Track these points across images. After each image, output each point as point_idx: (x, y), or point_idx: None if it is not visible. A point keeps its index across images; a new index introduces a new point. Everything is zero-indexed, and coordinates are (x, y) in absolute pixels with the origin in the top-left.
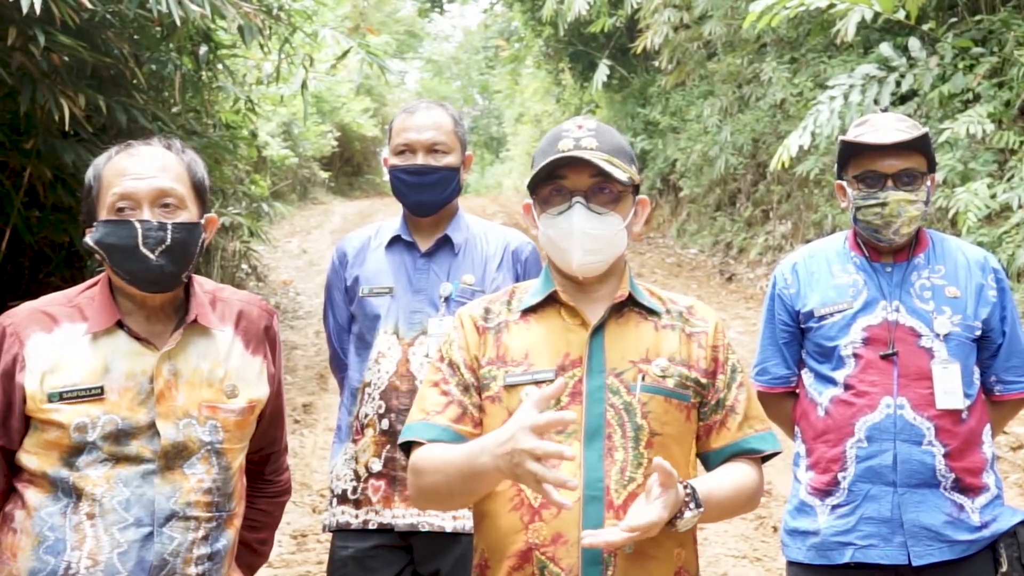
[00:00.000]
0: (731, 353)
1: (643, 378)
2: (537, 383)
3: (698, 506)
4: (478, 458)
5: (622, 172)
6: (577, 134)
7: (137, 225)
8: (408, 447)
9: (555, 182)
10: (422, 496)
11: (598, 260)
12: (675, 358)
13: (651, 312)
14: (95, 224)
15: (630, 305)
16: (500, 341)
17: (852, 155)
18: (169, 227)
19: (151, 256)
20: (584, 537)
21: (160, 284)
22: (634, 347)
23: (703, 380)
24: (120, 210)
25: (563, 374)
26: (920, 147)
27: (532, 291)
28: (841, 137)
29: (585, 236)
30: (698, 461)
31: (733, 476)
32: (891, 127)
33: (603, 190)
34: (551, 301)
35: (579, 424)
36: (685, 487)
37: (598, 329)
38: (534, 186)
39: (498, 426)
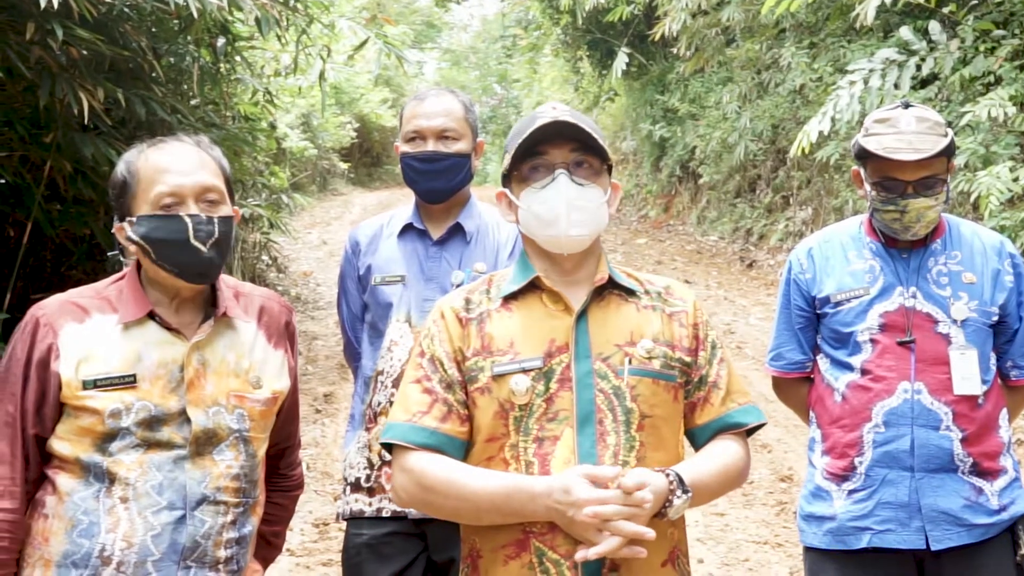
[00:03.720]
0: (710, 330)
1: (630, 361)
2: (525, 371)
3: (685, 491)
4: (527, 505)
5: (601, 142)
6: (553, 113)
7: (187, 219)
8: (391, 446)
9: (536, 158)
10: (421, 504)
11: (584, 233)
12: (659, 339)
13: (630, 293)
14: (136, 219)
15: (610, 288)
16: (483, 331)
17: (871, 157)
18: (216, 220)
19: (203, 249)
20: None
21: (208, 276)
22: (618, 330)
23: (687, 359)
24: (166, 206)
25: (550, 361)
26: (943, 152)
27: (511, 278)
28: (860, 140)
29: (571, 206)
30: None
31: (719, 456)
32: (912, 130)
33: (583, 164)
34: (532, 288)
35: (570, 410)
36: (668, 476)
37: (582, 314)
38: (513, 165)
39: (490, 419)
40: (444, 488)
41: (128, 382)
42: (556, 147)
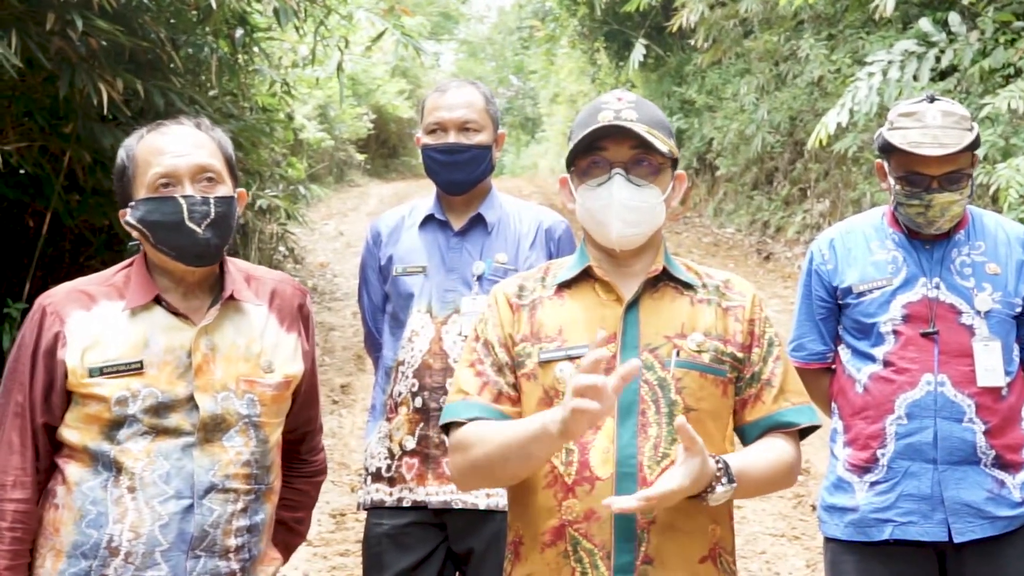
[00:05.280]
0: (768, 326)
1: (678, 353)
2: (571, 358)
3: (731, 481)
4: (545, 431)
5: (662, 144)
6: (617, 106)
7: (182, 201)
8: (448, 429)
9: (595, 154)
10: (468, 470)
11: (637, 232)
12: (711, 332)
13: (687, 286)
14: (134, 203)
15: (665, 279)
16: (534, 318)
17: (895, 151)
18: (212, 201)
19: (198, 230)
20: (611, 504)
21: (206, 257)
22: (669, 322)
23: (739, 354)
24: (162, 187)
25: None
26: (968, 147)
27: (567, 266)
28: (885, 134)
29: (624, 208)
30: (735, 436)
31: (769, 451)
32: (938, 124)
33: (643, 162)
34: (586, 277)
35: (612, 400)
36: (717, 462)
37: (632, 304)
38: (573, 158)
39: (534, 406)
40: (471, 439)
41: (134, 368)
42: (616, 143)
